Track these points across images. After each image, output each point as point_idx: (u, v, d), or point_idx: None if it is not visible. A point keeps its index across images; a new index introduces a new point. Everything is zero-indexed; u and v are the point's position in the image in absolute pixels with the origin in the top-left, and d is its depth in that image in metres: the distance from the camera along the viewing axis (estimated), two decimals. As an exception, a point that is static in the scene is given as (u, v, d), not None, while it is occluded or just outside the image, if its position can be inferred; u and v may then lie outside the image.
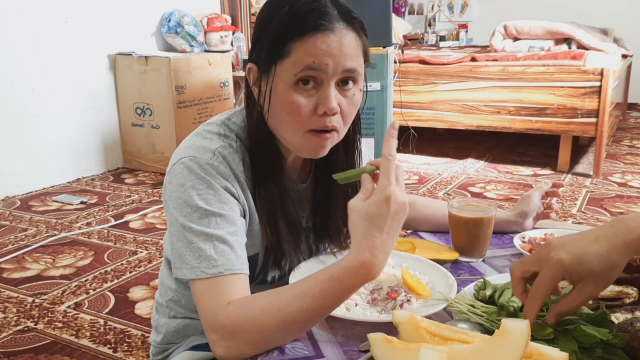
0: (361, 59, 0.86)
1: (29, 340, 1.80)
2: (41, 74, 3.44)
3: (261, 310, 0.76)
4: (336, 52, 0.81)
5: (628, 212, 2.94)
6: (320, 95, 0.83)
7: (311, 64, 0.80)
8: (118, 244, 2.59)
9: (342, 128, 0.87)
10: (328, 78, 0.82)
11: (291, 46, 0.81)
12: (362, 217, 0.74)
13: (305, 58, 0.80)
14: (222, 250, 0.81)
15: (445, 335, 0.71)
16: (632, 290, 0.79)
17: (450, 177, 3.67)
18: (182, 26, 4.07)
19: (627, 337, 0.68)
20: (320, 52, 0.80)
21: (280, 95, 0.83)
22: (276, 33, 0.82)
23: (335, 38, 0.81)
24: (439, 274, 0.95)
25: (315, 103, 0.83)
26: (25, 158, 3.42)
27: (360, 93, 0.88)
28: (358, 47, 0.84)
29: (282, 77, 0.83)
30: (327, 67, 0.81)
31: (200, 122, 3.86)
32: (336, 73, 0.82)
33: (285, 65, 0.82)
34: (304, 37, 0.81)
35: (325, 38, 0.81)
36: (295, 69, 0.81)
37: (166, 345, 1.06)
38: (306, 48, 0.80)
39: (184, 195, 0.83)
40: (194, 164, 0.85)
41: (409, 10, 7.22)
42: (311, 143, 0.86)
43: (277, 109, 0.85)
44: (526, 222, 1.19)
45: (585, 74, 3.48)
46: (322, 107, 0.82)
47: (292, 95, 0.82)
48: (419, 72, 3.98)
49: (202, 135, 0.90)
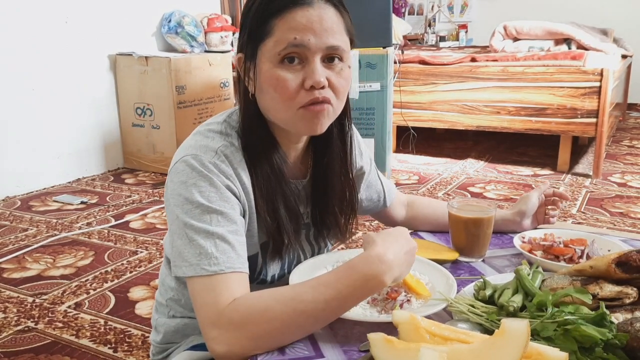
0: (345, 36, 0.87)
1: (30, 340, 1.80)
2: (41, 74, 3.44)
3: (273, 299, 0.77)
4: (317, 26, 0.82)
5: (628, 212, 2.94)
6: (307, 71, 0.84)
7: (293, 41, 0.82)
8: (118, 244, 2.59)
9: (337, 102, 0.88)
10: (312, 53, 0.83)
11: (272, 24, 0.83)
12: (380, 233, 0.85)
13: (287, 35, 0.82)
14: (223, 248, 0.81)
15: (445, 335, 0.71)
16: (631, 290, 0.79)
17: (450, 177, 3.67)
18: (182, 26, 4.08)
19: (626, 337, 0.68)
20: (301, 27, 0.82)
21: (267, 74, 0.85)
22: (256, 13, 0.84)
23: (314, 12, 0.82)
24: (439, 274, 0.96)
25: (302, 78, 0.84)
26: (25, 158, 3.42)
27: (349, 69, 0.89)
28: (339, 23, 0.85)
29: (267, 56, 0.84)
30: (309, 42, 0.82)
31: (200, 122, 3.85)
32: (319, 49, 0.83)
33: (269, 44, 0.83)
34: (283, 12, 0.82)
35: (305, 12, 0.82)
36: (278, 47, 0.83)
37: (166, 345, 1.07)
38: (287, 24, 0.82)
39: (186, 192, 0.84)
40: (196, 162, 0.85)
41: (409, 10, 7.22)
42: (305, 118, 0.86)
43: (265, 88, 0.86)
44: (524, 222, 1.19)
45: (585, 74, 3.48)
46: (309, 81, 0.83)
47: (277, 72, 0.84)
48: (419, 73, 3.98)
49: (204, 134, 0.90)
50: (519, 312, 0.79)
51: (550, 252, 1.03)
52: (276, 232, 0.92)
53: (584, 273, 0.84)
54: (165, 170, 3.78)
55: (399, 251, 0.81)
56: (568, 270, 0.88)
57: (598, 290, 0.79)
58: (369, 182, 1.14)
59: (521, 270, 0.86)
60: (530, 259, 1.03)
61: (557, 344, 0.69)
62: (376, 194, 1.16)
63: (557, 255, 1.03)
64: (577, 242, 1.06)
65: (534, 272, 0.88)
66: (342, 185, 1.00)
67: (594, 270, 0.83)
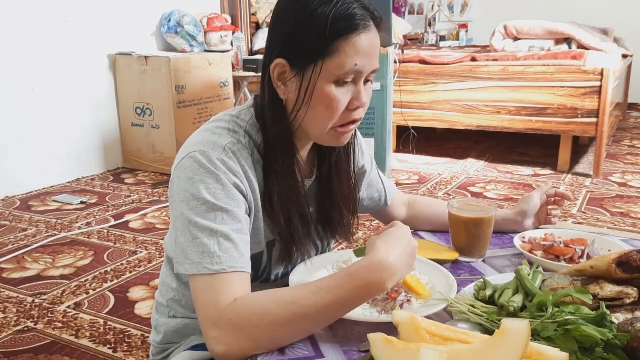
0: None
1: (29, 341, 1.80)
2: (41, 74, 3.44)
3: (273, 302, 0.76)
4: (372, 52, 0.86)
5: (628, 212, 2.94)
6: (355, 92, 0.87)
7: (354, 67, 0.84)
8: (118, 244, 2.59)
9: None
10: (362, 77, 0.86)
11: (338, 45, 0.83)
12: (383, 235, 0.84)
13: (351, 60, 0.83)
14: (226, 247, 0.81)
15: (446, 336, 0.71)
16: (632, 290, 0.79)
17: (450, 177, 3.66)
18: (182, 26, 4.07)
19: (627, 338, 0.68)
20: (363, 52, 0.84)
21: (321, 92, 0.85)
22: (319, 31, 0.82)
23: (373, 38, 0.85)
24: (439, 274, 0.95)
25: (350, 98, 0.87)
26: (25, 158, 3.42)
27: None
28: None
29: (325, 74, 0.84)
30: (364, 68, 0.85)
31: (200, 122, 3.88)
32: (367, 73, 0.87)
33: (330, 64, 0.83)
34: (351, 35, 0.83)
35: (367, 37, 0.84)
36: (340, 70, 0.84)
37: (166, 345, 1.06)
38: (353, 47, 0.83)
39: (192, 188, 0.83)
40: (204, 158, 0.84)
41: (409, 10, 7.22)
42: (337, 135, 0.90)
43: (315, 104, 0.86)
44: (526, 222, 1.19)
45: (586, 74, 3.47)
46: (357, 102, 0.87)
47: (333, 92, 0.85)
48: (419, 72, 3.98)
49: (211, 130, 0.90)
50: (519, 312, 0.79)
51: (551, 252, 1.03)
52: (289, 237, 0.93)
53: (585, 273, 0.84)
54: (165, 170, 3.78)
55: (401, 254, 0.81)
56: (568, 271, 0.88)
57: (598, 291, 0.79)
58: (370, 182, 1.14)
59: (522, 271, 0.86)
60: (530, 259, 1.02)
61: (557, 344, 0.69)
62: (377, 193, 1.16)
63: (557, 255, 1.02)
64: (577, 242, 1.06)
65: (535, 272, 0.88)
66: (347, 184, 1.01)
67: (594, 271, 0.83)
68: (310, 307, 0.76)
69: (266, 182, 0.90)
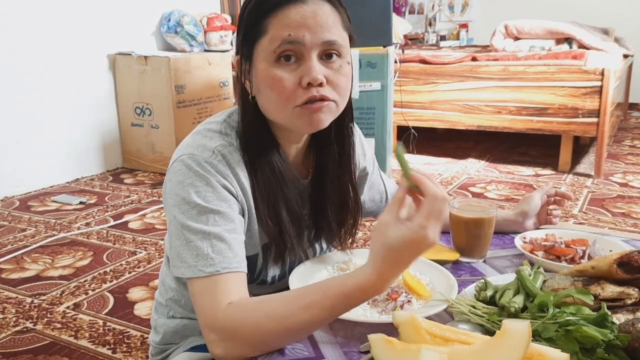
0: (342, 32, 0.85)
1: (28, 341, 1.80)
2: (41, 74, 3.44)
3: (265, 315, 0.76)
4: (311, 22, 0.81)
5: (629, 212, 2.94)
6: (303, 68, 0.82)
7: (287, 38, 0.80)
8: (117, 245, 2.59)
9: (339, 98, 0.86)
10: (307, 50, 0.82)
11: (266, 23, 0.82)
12: (387, 245, 0.72)
13: (281, 32, 0.81)
14: (219, 248, 0.80)
15: (446, 336, 0.71)
16: (633, 291, 0.79)
17: (450, 177, 3.66)
18: (181, 26, 4.07)
19: (628, 338, 0.68)
20: (295, 24, 0.80)
21: (263, 73, 0.84)
22: (250, 13, 0.84)
23: (308, 8, 0.81)
24: (440, 274, 0.95)
25: (299, 76, 0.82)
26: (24, 158, 3.42)
27: (349, 66, 0.87)
28: (335, 18, 0.84)
29: (263, 55, 0.83)
30: (303, 39, 0.81)
31: (199, 122, 3.85)
32: (315, 45, 0.82)
33: (264, 43, 0.83)
34: (277, 10, 0.81)
35: (298, 9, 0.81)
36: (273, 45, 0.81)
37: (165, 345, 1.06)
38: (280, 21, 0.81)
39: (182, 192, 0.83)
40: (193, 161, 0.84)
41: (410, 9, 7.22)
42: (304, 115, 0.84)
43: (262, 88, 0.85)
44: (527, 222, 1.19)
45: (586, 74, 3.47)
46: (306, 78, 0.81)
47: (273, 71, 0.82)
48: (419, 72, 3.98)
49: (202, 133, 0.90)
50: (520, 312, 0.79)
51: (552, 252, 1.03)
52: (278, 237, 0.91)
53: (586, 273, 0.84)
54: (164, 170, 3.77)
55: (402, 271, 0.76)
56: (569, 271, 0.87)
57: (599, 291, 0.79)
58: (371, 183, 1.13)
59: (522, 271, 0.86)
60: (531, 259, 1.02)
61: (558, 344, 0.69)
62: (378, 194, 1.15)
63: (558, 255, 1.02)
64: (578, 242, 1.05)
65: (535, 272, 0.88)
66: (339, 189, 0.98)
67: (595, 271, 0.82)
68: (302, 322, 0.75)
69: (251, 178, 0.89)
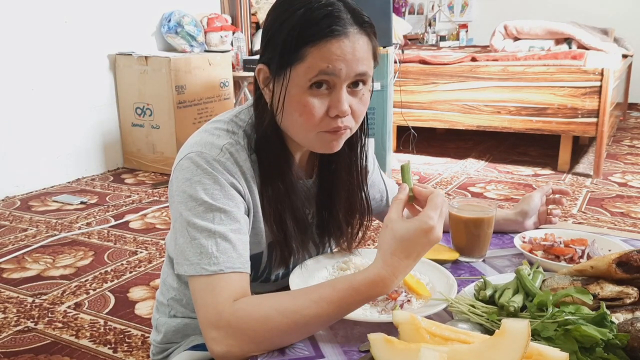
0: (371, 61, 0.86)
1: (29, 341, 1.80)
2: (41, 74, 3.44)
3: (274, 310, 0.76)
4: (349, 57, 0.82)
5: (628, 212, 2.94)
6: (333, 98, 0.83)
7: (325, 69, 0.81)
8: (118, 244, 2.59)
9: (355, 126, 0.89)
10: (341, 82, 0.83)
11: (306, 51, 0.81)
12: (396, 237, 0.77)
13: (320, 63, 0.81)
14: (223, 247, 0.81)
15: (446, 336, 0.71)
16: (632, 290, 0.79)
17: (450, 177, 3.66)
18: (182, 26, 4.07)
19: (627, 337, 0.68)
20: (334, 58, 0.81)
21: (294, 98, 0.84)
22: (290, 37, 0.82)
23: (349, 43, 0.82)
24: (439, 274, 0.95)
25: (328, 106, 0.84)
26: (25, 158, 3.42)
27: (369, 93, 0.89)
28: (369, 50, 0.85)
29: (296, 80, 0.83)
30: (340, 72, 0.82)
31: (200, 122, 3.88)
32: (348, 77, 0.83)
33: (300, 69, 0.82)
34: (319, 42, 0.81)
35: (340, 44, 0.81)
36: (309, 74, 0.82)
37: (166, 344, 1.06)
38: (321, 53, 0.81)
39: (190, 189, 0.83)
40: (201, 159, 0.85)
41: (409, 10, 7.22)
42: (324, 141, 0.87)
43: (290, 110, 0.85)
44: (526, 222, 1.19)
45: (586, 74, 3.47)
46: (335, 110, 0.83)
47: (305, 98, 0.83)
48: (419, 72, 3.98)
49: (209, 131, 0.90)
50: (519, 312, 0.79)
51: (551, 252, 1.03)
52: (283, 242, 0.92)
53: (585, 273, 0.84)
54: (165, 170, 3.78)
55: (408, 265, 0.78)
56: (569, 270, 0.88)
57: (599, 290, 0.79)
58: (371, 182, 1.14)
59: (522, 271, 0.86)
60: (530, 259, 1.02)
61: (557, 344, 0.69)
62: (379, 193, 1.16)
63: (557, 255, 1.02)
64: (577, 242, 1.06)
65: (535, 272, 0.88)
66: (348, 194, 0.99)
67: (594, 270, 0.83)
68: (311, 316, 0.76)
69: (261, 184, 0.90)
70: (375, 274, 0.77)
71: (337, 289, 0.77)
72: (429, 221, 0.76)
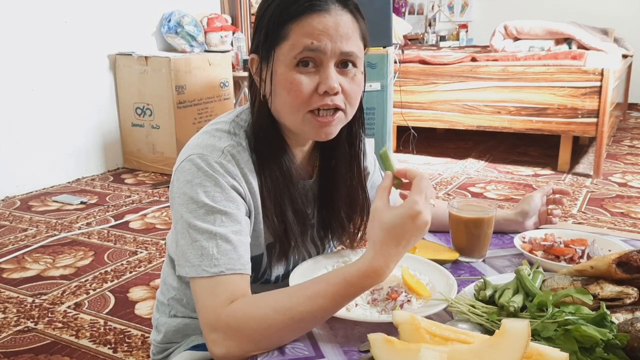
0: (359, 42, 0.87)
1: (29, 341, 1.80)
2: (41, 74, 3.44)
3: (270, 308, 0.76)
4: (332, 32, 0.82)
5: (628, 212, 2.94)
6: (321, 75, 0.84)
7: (309, 45, 0.82)
8: (118, 244, 2.59)
9: (349, 108, 0.88)
10: (327, 58, 0.83)
11: (288, 28, 0.82)
12: (384, 226, 0.76)
13: (303, 39, 0.82)
14: (224, 249, 0.81)
15: (446, 336, 0.71)
16: (632, 290, 0.79)
17: (450, 177, 3.66)
18: (182, 26, 4.07)
19: (627, 338, 0.68)
20: (317, 32, 0.82)
21: (281, 77, 0.84)
22: (272, 17, 0.84)
23: (330, 18, 0.82)
24: (439, 274, 0.95)
25: (316, 83, 0.84)
26: (25, 158, 3.42)
27: (362, 75, 0.89)
28: (355, 29, 0.85)
29: (282, 59, 0.84)
30: (325, 48, 0.82)
31: (200, 122, 3.88)
32: (334, 54, 0.83)
33: (284, 48, 0.83)
34: (300, 17, 0.82)
35: (321, 18, 0.82)
36: (294, 51, 0.82)
37: (166, 344, 1.06)
38: (303, 29, 0.82)
39: (191, 191, 0.83)
40: (202, 161, 0.85)
41: (409, 10, 7.22)
42: (313, 124, 0.86)
43: (278, 90, 0.86)
44: (527, 222, 1.19)
45: (586, 74, 3.48)
46: (323, 86, 0.83)
47: (292, 76, 0.83)
48: (419, 72, 3.98)
49: (211, 133, 0.90)
50: (519, 312, 0.79)
51: (551, 252, 1.03)
52: (283, 235, 0.92)
53: (585, 273, 0.84)
54: (165, 170, 3.78)
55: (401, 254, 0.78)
56: (569, 271, 0.88)
57: (599, 291, 0.79)
58: (372, 183, 1.14)
59: (522, 271, 0.86)
60: (530, 259, 1.02)
61: (557, 344, 0.69)
62: None
63: (557, 255, 1.02)
64: (577, 242, 1.06)
65: (535, 272, 0.88)
66: (349, 190, 0.99)
67: (594, 271, 0.83)
68: (307, 312, 0.76)
69: (259, 176, 0.90)
70: (368, 265, 0.77)
71: (331, 283, 0.77)
72: (414, 206, 0.75)
